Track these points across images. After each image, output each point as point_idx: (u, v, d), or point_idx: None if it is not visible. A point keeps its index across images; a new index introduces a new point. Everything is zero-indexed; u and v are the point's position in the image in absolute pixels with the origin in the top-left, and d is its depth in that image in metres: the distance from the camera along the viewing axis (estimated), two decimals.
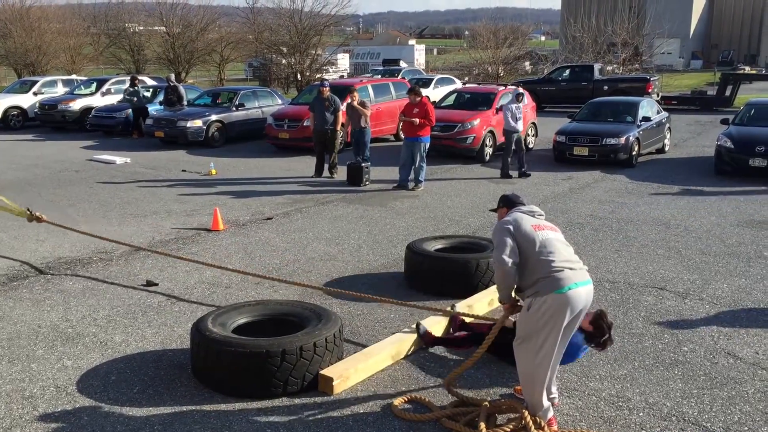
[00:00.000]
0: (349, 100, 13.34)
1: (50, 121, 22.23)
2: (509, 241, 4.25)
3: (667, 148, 17.02)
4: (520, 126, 13.62)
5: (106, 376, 5.15)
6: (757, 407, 4.72)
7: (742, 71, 36.83)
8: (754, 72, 37.82)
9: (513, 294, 4.43)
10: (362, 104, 13.24)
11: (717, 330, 6.06)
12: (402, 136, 12.80)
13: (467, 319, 5.93)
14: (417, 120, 12.08)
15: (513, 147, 13.70)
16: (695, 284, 7.29)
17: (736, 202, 11.38)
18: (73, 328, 6.09)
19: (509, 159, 13.81)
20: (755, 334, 5.95)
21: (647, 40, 42.63)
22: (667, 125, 17.08)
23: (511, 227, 4.31)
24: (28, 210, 8.60)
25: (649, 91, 25.49)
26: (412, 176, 12.53)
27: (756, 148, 13.24)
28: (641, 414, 4.63)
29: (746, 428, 4.46)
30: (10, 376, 5.14)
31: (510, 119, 13.51)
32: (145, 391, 4.92)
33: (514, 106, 13.61)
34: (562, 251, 4.27)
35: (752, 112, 14.97)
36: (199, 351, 4.94)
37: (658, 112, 16.79)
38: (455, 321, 5.86)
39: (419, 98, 12.28)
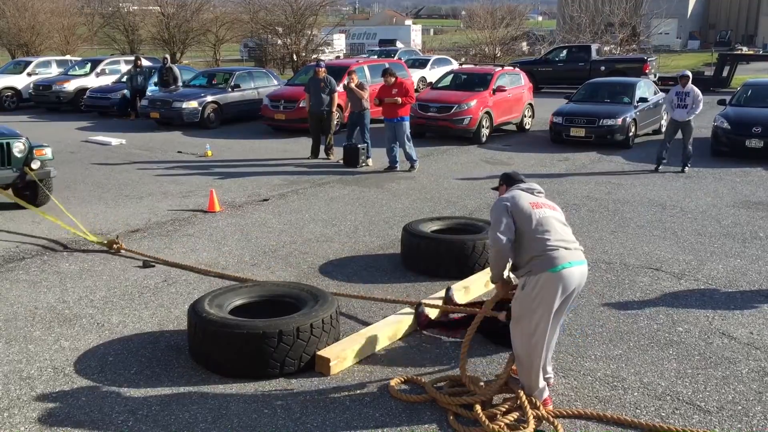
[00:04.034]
0: (345, 82, 13.24)
1: (44, 102, 22.10)
2: (505, 219, 4.25)
3: (663, 129, 16.98)
4: (678, 114, 12.09)
5: (103, 357, 5.17)
6: (751, 387, 4.76)
7: (739, 52, 36.68)
8: (751, 52, 37.65)
9: (506, 273, 4.47)
10: (360, 86, 13.10)
11: (712, 310, 6.09)
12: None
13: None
14: (399, 99, 12.00)
15: (675, 136, 12.36)
16: (691, 265, 7.32)
17: (732, 182, 11.40)
18: (70, 309, 6.09)
19: (664, 150, 12.46)
20: (750, 315, 5.99)
21: (645, 20, 42.47)
22: (664, 106, 17.02)
23: (508, 204, 4.31)
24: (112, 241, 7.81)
25: (647, 71, 25.45)
26: (402, 158, 12.49)
27: (753, 129, 13.25)
28: (636, 394, 4.67)
29: (740, 407, 4.50)
30: (8, 358, 5.15)
31: (670, 106, 12.29)
32: (142, 372, 4.94)
33: (674, 91, 12.25)
34: (558, 230, 4.27)
35: (749, 92, 14.96)
36: (196, 332, 4.94)
37: (655, 93, 16.75)
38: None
39: (394, 79, 12.18)
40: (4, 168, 9.20)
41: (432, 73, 27.52)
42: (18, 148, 9.29)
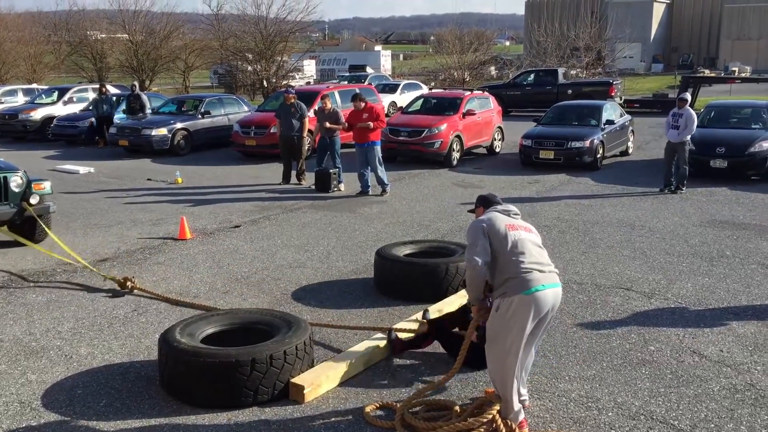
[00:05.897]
0: (316, 107, 13.21)
1: (11, 131, 21.79)
2: (481, 240, 4.26)
3: (630, 151, 17.28)
4: (670, 135, 12.23)
5: (71, 390, 5.05)
6: (723, 404, 4.80)
7: (701, 74, 37.63)
8: (713, 75, 38.66)
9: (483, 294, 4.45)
10: (335, 114, 13.02)
11: (682, 329, 6.15)
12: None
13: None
14: (371, 123, 12.07)
15: (675, 159, 12.32)
16: (660, 284, 7.40)
17: (699, 202, 11.60)
18: (37, 341, 5.96)
19: (685, 171, 12.33)
20: (719, 332, 6.06)
21: (609, 45, 43.36)
22: (631, 128, 17.35)
23: (484, 226, 4.33)
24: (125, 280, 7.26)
25: (612, 94, 25.90)
26: (373, 182, 12.51)
27: (716, 149, 13.51)
28: (610, 414, 4.68)
29: (713, 425, 4.53)
30: None
31: (666, 127, 12.43)
32: (112, 405, 4.84)
33: (671, 112, 12.40)
34: (533, 252, 4.30)
35: (712, 114, 15.29)
36: (167, 362, 4.86)
37: (621, 115, 17.05)
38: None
39: (364, 104, 12.25)
40: (1, 203, 8.68)
41: (402, 98, 27.76)
42: (16, 182, 8.80)
